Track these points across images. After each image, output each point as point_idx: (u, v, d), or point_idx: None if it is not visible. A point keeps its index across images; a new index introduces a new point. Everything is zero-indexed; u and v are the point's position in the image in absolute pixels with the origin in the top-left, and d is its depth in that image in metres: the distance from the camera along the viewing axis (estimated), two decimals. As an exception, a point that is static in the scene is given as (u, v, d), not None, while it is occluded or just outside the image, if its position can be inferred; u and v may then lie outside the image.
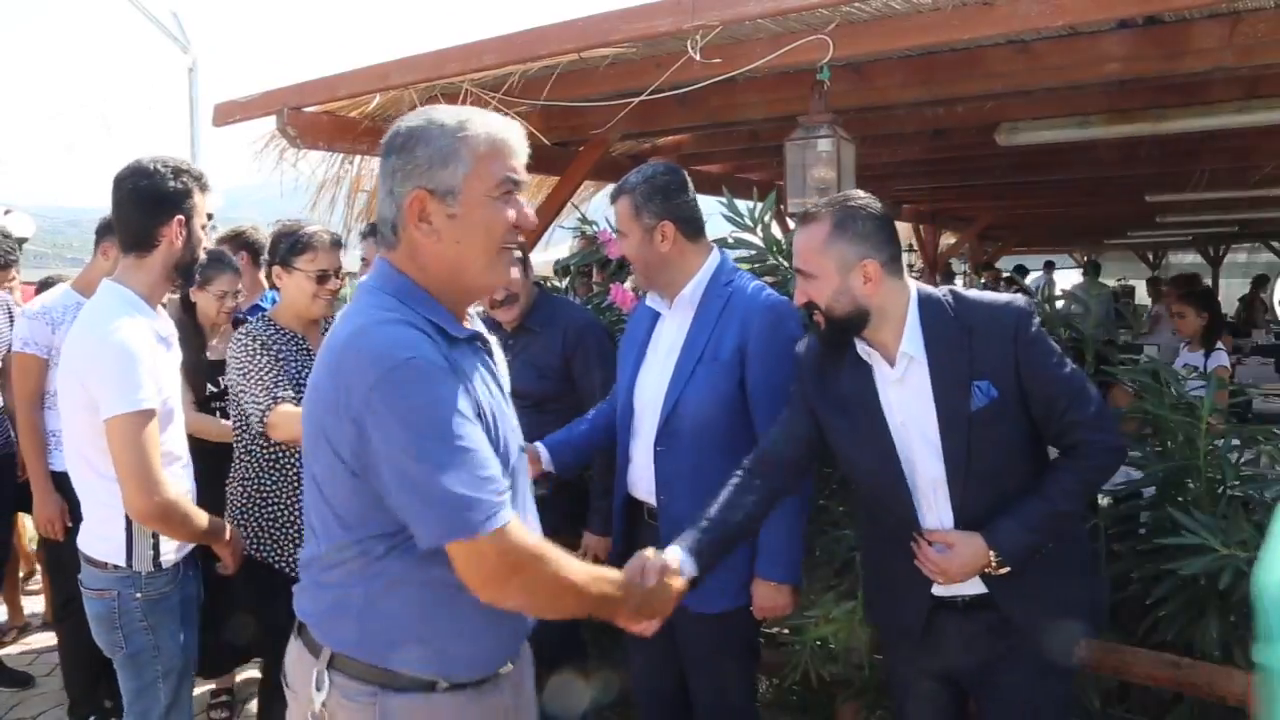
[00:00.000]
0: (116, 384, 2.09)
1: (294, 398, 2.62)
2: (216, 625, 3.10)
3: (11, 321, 3.76)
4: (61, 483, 2.95)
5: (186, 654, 2.36)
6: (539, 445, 2.43)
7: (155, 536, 2.28)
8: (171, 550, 2.32)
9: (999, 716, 2.02)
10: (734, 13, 2.66)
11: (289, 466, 2.72)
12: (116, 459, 2.11)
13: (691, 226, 2.34)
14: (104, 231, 3.46)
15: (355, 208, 4.84)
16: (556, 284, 4.70)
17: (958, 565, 1.88)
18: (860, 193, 1.97)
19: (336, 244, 2.82)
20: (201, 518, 2.28)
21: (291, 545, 2.72)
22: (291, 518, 2.72)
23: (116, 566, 2.26)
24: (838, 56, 2.82)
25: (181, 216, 2.24)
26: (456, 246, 1.46)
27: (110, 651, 2.31)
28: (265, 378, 2.63)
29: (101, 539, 2.27)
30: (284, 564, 2.72)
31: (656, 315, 2.45)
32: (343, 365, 1.39)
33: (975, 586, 1.94)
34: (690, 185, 2.38)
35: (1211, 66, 2.99)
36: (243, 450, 2.78)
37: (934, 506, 1.94)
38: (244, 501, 2.75)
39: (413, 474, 1.34)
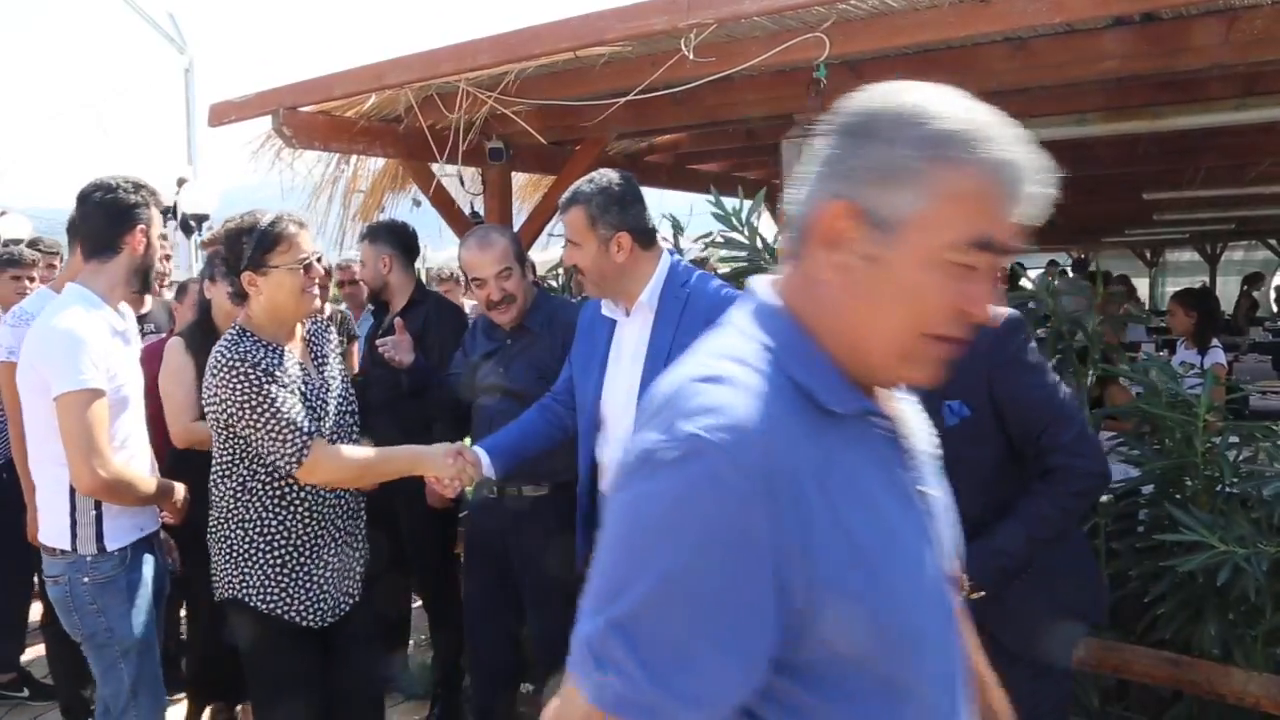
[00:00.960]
0: (63, 364, 2.29)
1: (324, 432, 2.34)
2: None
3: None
4: None
5: (145, 633, 2.46)
6: (479, 450, 2.42)
7: (98, 521, 2.41)
8: (118, 533, 2.44)
9: None
10: (729, 11, 2.65)
11: (298, 503, 2.35)
12: (65, 434, 2.30)
13: (646, 236, 2.35)
14: (74, 231, 3.45)
15: (351, 208, 4.83)
16: (553, 284, 4.70)
17: None
18: None
19: (304, 225, 2.47)
20: (149, 483, 2.49)
21: (303, 594, 2.35)
22: (304, 562, 2.35)
23: (64, 551, 2.40)
24: (834, 54, 2.81)
25: (143, 226, 2.49)
26: (864, 304, 0.94)
27: (73, 636, 2.46)
28: (284, 412, 2.22)
29: (50, 525, 2.43)
30: (294, 615, 2.34)
31: (613, 324, 2.44)
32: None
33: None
34: (641, 193, 2.38)
35: (1209, 64, 2.98)
36: (237, 488, 2.32)
37: None
38: (246, 547, 2.32)
39: None
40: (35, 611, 4.64)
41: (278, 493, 2.33)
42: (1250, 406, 5.04)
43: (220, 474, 2.35)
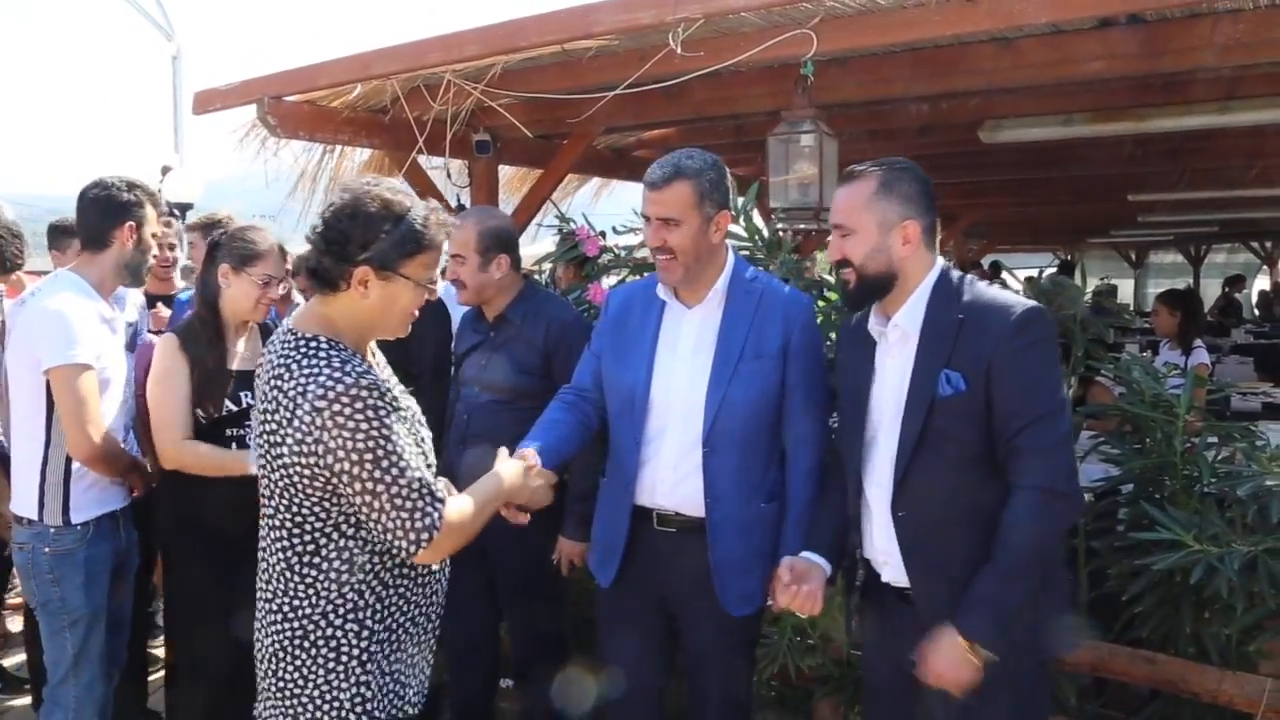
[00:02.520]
0: (55, 340, 2.42)
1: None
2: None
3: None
4: None
5: (94, 607, 2.55)
6: (531, 451, 2.13)
7: (65, 494, 2.53)
8: (84, 507, 2.55)
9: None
10: (716, 5, 2.65)
11: (409, 579, 1.80)
12: (60, 406, 2.44)
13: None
14: (55, 235, 3.61)
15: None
16: (536, 278, 4.69)
17: (942, 664, 1.79)
18: (904, 158, 1.98)
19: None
20: (127, 455, 2.63)
21: (412, 679, 1.85)
22: (407, 643, 1.83)
23: (31, 521, 2.53)
24: (822, 51, 2.81)
25: (133, 223, 2.61)
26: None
27: (29, 602, 2.57)
28: (410, 470, 1.65)
29: (20, 495, 2.56)
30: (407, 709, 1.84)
31: (660, 308, 2.29)
32: None
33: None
34: None
35: (1193, 66, 3.01)
36: (332, 572, 1.71)
37: (881, 481, 1.93)
38: (350, 651, 1.73)
39: None
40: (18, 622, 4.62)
41: (392, 572, 1.77)
42: (1231, 407, 5.09)
43: (298, 548, 1.72)
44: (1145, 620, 2.37)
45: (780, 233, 3.06)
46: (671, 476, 2.22)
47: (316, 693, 1.72)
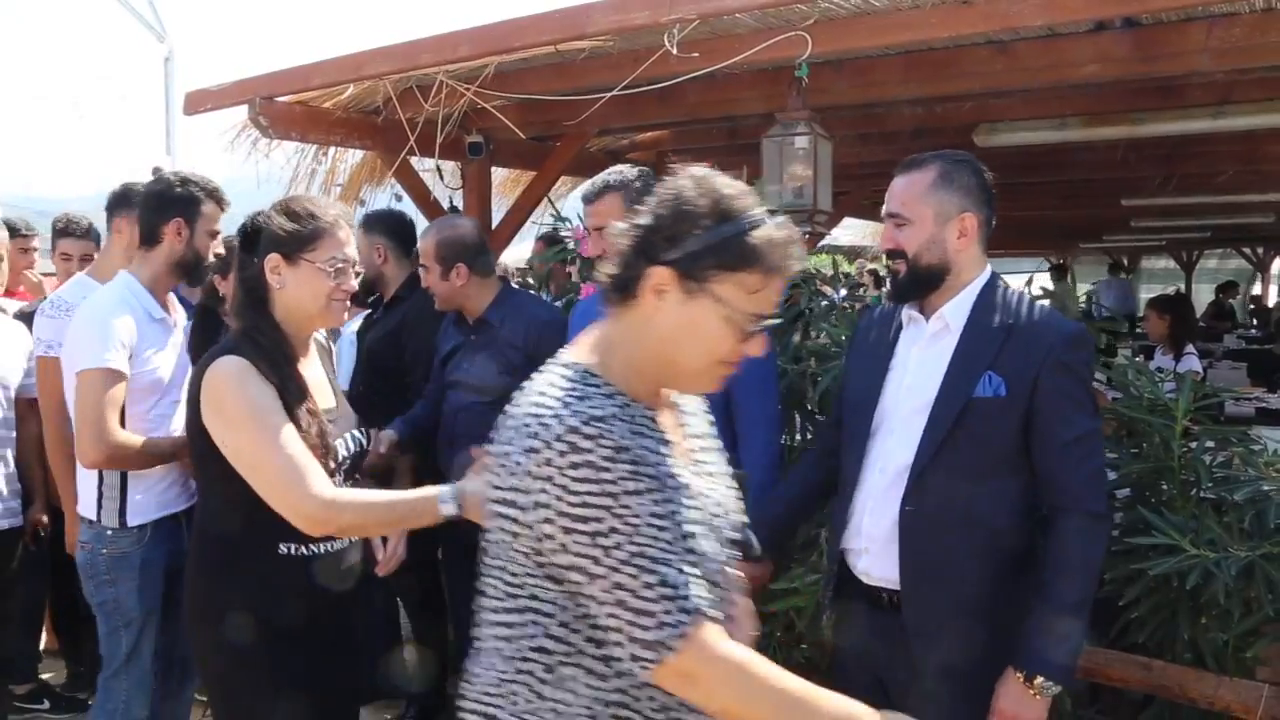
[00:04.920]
0: (88, 343, 2.38)
1: None
2: None
3: None
4: None
5: (147, 610, 2.56)
6: None
7: (123, 496, 2.50)
8: (141, 510, 2.51)
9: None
10: (711, 6, 2.64)
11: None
12: (77, 408, 2.40)
13: None
14: (113, 209, 3.12)
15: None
16: (528, 280, 4.66)
17: (1011, 707, 1.78)
18: (963, 151, 1.95)
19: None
20: (155, 444, 2.46)
21: None
22: None
23: (92, 522, 2.52)
24: (816, 53, 2.80)
25: (181, 220, 2.52)
26: None
27: (88, 599, 2.58)
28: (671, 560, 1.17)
29: (82, 495, 2.55)
30: None
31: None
32: None
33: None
34: None
35: (1188, 70, 3.01)
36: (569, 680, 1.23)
37: (886, 470, 1.90)
38: None
39: None
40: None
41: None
42: (1226, 413, 5.08)
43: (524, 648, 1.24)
44: (1141, 625, 2.35)
45: None
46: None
47: None
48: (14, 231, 4.03)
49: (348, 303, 2.02)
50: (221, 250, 2.66)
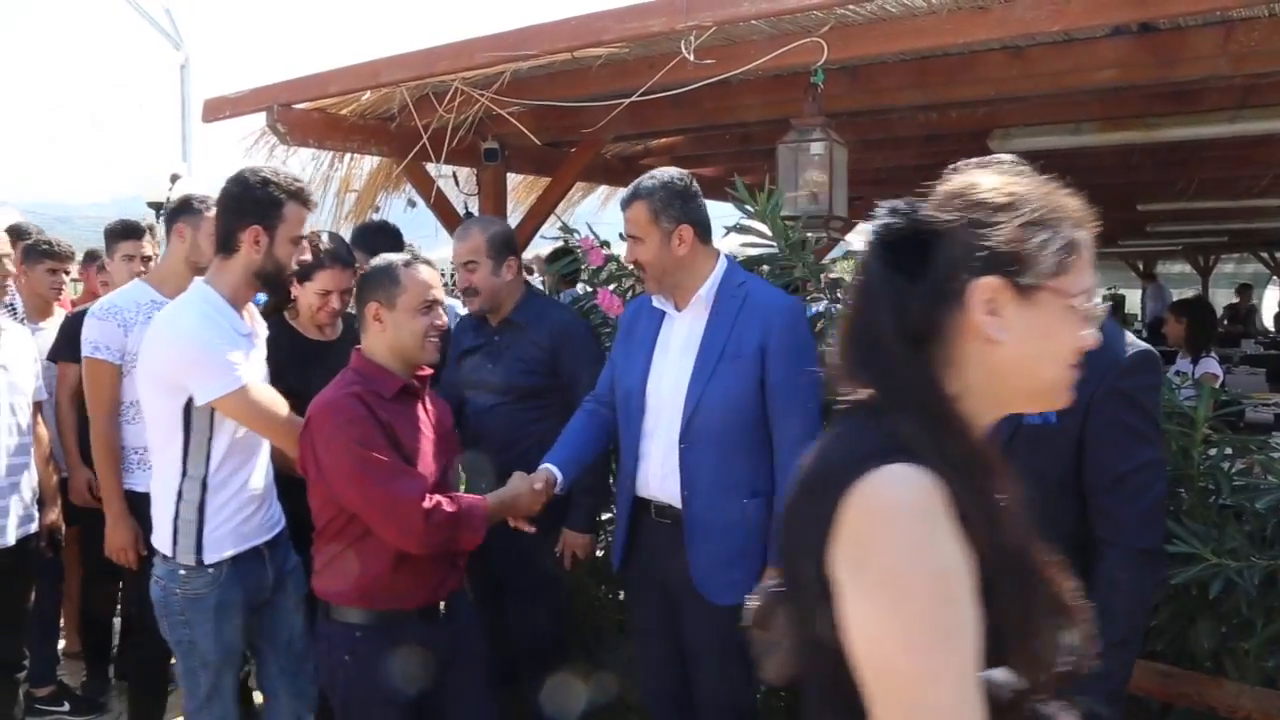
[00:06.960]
0: (207, 371, 2.20)
1: None
2: None
3: None
4: (137, 505, 2.82)
5: (227, 652, 2.39)
6: (551, 467, 2.45)
7: (199, 533, 2.33)
8: (218, 545, 2.34)
9: None
10: (727, 13, 2.64)
11: None
12: (253, 427, 2.29)
13: (705, 230, 2.42)
14: (173, 215, 3.14)
15: (344, 208, 4.80)
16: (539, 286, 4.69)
17: None
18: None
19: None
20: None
21: None
22: None
23: (167, 558, 2.36)
24: (832, 59, 2.80)
25: (259, 226, 2.28)
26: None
27: (164, 636, 2.41)
28: None
29: (158, 529, 2.38)
30: None
31: (661, 317, 2.48)
32: None
33: None
34: (699, 190, 2.44)
35: (1205, 74, 2.98)
36: None
37: None
38: None
39: None
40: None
41: None
42: (1245, 419, 5.05)
43: None
44: (1161, 634, 2.34)
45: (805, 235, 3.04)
46: (660, 471, 2.38)
47: None
48: (49, 253, 3.97)
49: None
50: (307, 257, 2.50)
